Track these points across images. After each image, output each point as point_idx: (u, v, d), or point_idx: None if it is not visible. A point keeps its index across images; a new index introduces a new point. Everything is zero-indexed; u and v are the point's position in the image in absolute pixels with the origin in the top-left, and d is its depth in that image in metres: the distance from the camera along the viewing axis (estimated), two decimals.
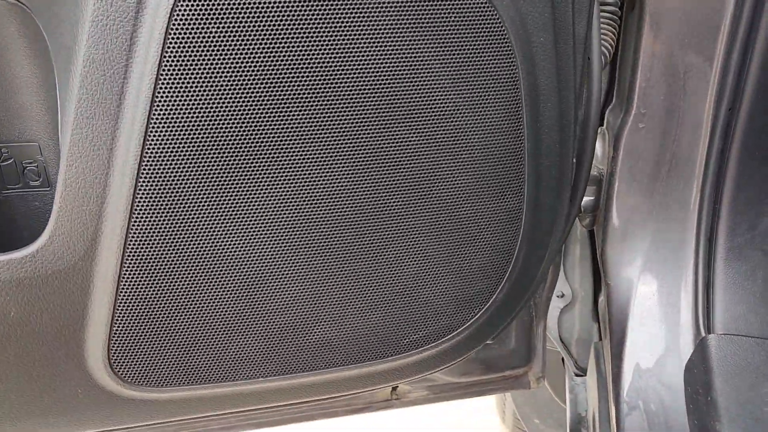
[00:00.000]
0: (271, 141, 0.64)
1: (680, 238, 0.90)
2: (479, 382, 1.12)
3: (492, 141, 0.70)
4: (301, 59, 0.62)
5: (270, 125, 0.63)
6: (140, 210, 0.65)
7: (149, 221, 0.66)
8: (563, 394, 1.26)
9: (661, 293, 0.91)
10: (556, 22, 0.70)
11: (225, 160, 0.64)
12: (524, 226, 0.77)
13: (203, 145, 0.63)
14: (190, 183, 0.65)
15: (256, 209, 0.67)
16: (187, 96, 0.61)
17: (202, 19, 0.58)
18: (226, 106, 0.62)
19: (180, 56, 0.59)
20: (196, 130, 0.62)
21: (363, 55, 0.63)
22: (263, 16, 0.59)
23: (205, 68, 0.60)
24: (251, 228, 0.68)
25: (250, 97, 0.62)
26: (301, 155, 0.66)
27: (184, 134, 0.62)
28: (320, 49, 0.62)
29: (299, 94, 0.63)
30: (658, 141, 0.89)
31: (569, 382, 1.17)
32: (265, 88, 0.62)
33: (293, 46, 0.61)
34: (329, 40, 0.62)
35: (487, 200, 0.73)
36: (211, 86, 0.61)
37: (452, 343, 0.81)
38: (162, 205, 0.65)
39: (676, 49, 0.86)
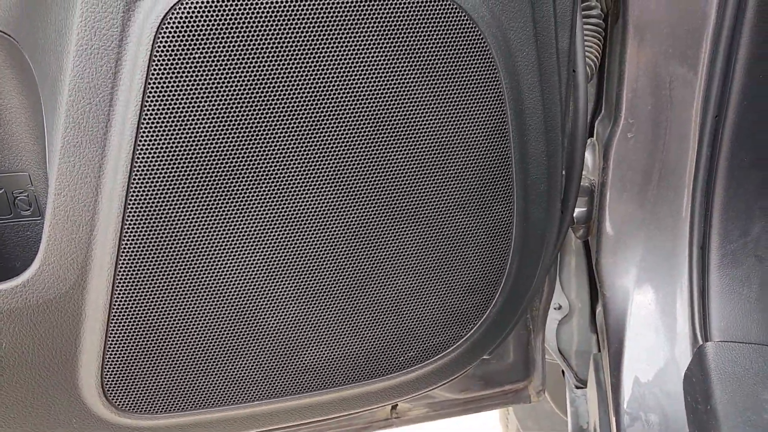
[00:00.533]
0: (258, 165, 0.64)
1: (673, 246, 0.89)
2: (479, 397, 1.11)
3: (479, 157, 0.70)
4: (287, 86, 0.62)
5: (256, 149, 0.64)
6: (129, 237, 0.65)
7: (138, 248, 0.65)
8: (564, 406, 1.25)
9: (657, 302, 0.90)
10: (538, 37, 0.70)
11: (213, 186, 0.64)
12: (515, 240, 0.77)
13: (190, 171, 0.63)
14: (178, 210, 0.64)
15: (246, 232, 0.67)
16: (172, 123, 0.61)
17: (184, 47, 0.59)
18: (213, 132, 0.62)
19: (164, 84, 0.59)
20: (183, 156, 0.62)
21: (348, 83, 0.63)
22: (246, 44, 0.60)
23: (189, 94, 0.60)
24: (241, 252, 0.68)
25: (235, 122, 0.62)
26: (288, 178, 0.65)
27: (171, 161, 0.62)
28: (311, 73, 0.62)
29: (284, 119, 0.63)
30: (647, 150, 0.89)
31: (570, 395, 1.17)
32: (249, 113, 0.62)
33: (277, 74, 0.62)
34: (318, 67, 0.62)
35: (477, 215, 0.73)
36: (196, 112, 0.61)
37: (449, 359, 0.81)
38: (151, 232, 0.65)
39: (660, 59, 0.86)
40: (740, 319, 0.85)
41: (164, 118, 0.60)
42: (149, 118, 0.60)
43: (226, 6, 0.58)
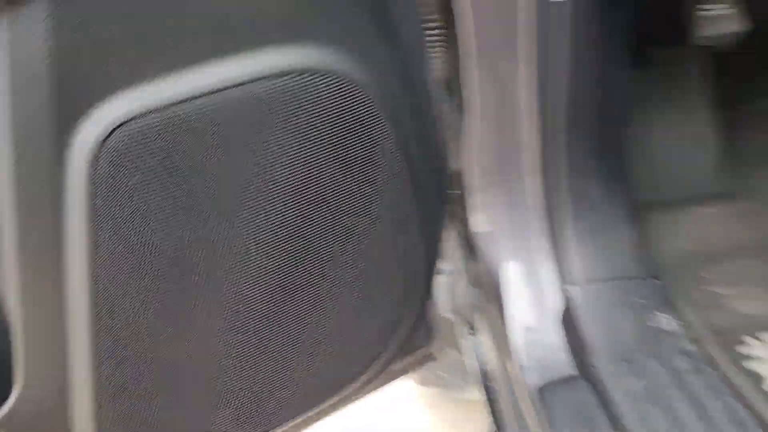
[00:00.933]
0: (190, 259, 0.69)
1: (533, 214, 1.05)
2: (395, 371, 1.24)
3: (384, 206, 0.78)
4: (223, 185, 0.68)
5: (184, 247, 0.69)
6: (102, 344, 0.68)
7: (113, 353, 0.68)
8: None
9: (525, 262, 1.06)
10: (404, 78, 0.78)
11: (167, 291, 0.68)
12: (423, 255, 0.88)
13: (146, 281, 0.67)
14: (140, 314, 0.68)
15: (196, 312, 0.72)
16: (124, 240, 0.65)
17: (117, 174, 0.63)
18: (156, 244, 0.66)
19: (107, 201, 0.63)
20: (137, 266, 0.66)
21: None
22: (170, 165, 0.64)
23: (128, 212, 0.64)
24: (194, 334, 0.73)
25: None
26: (222, 268, 0.71)
27: (128, 269, 0.66)
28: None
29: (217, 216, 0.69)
30: (497, 138, 1.02)
31: (467, 343, 1.33)
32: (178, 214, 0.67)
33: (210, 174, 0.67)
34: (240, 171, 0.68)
35: (393, 248, 0.83)
36: (139, 227, 0.65)
37: (384, 360, 0.92)
38: (121, 335, 0.68)
39: (493, 57, 0.99)
40: (599, 261, 1.03)
41: (113, 236, 0.64)
42: (100, 236, 0.63)
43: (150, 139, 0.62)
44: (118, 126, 0.61)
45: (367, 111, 0.71)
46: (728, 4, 1.04)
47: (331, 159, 0.71)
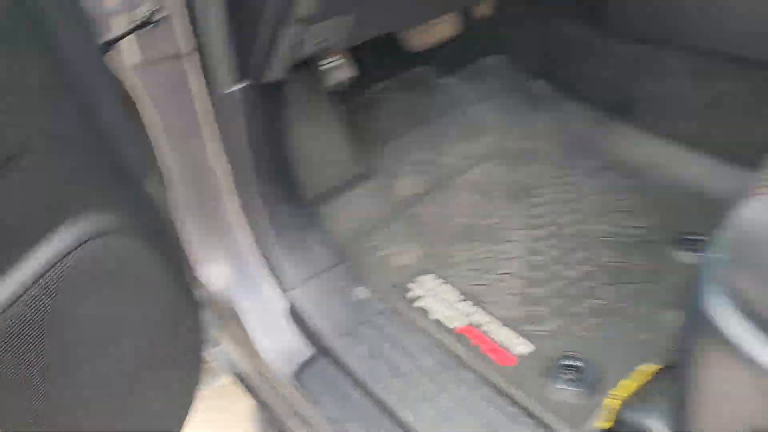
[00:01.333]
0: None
1: (245, 246, 1.30)
2: None
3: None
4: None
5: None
6: None
7: None
8: None
9: (251, 285, 1.31)
10: None
11: None
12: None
13: None
14: None
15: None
16: None
17: None
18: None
19: None
20: None
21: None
22: None
23: None
24: None
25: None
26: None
27: None
28: None
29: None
30: (198, 198, 1.23)
31: (213, 351, 1.54)
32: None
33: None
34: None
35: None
36: None
37: None
38: None
39: (181, 138, 1.17)
40: (303, 265, 1.33)
41: None
42: None
43: None
44: None
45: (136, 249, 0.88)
46: (339, 57, 1.38)
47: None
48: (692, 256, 1.31)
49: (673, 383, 0.87)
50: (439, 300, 1.31)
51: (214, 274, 1.30)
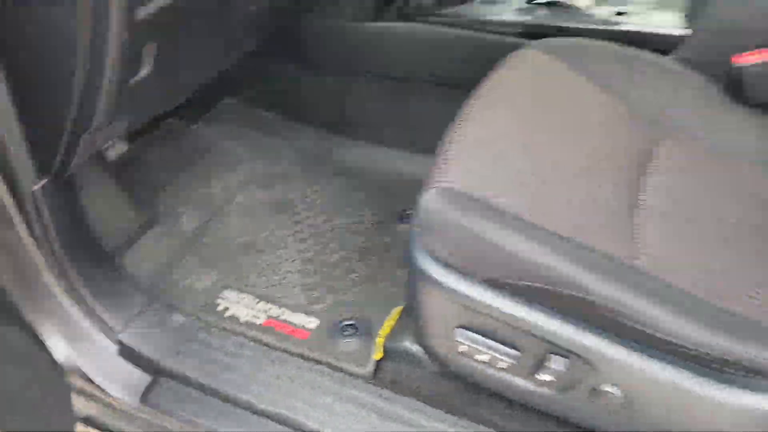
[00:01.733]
0: None
1: (71, 309, 1.52)
2: None
3: None
4: None
5: None
6: None
7: None
8: None
9: (75, 337, 1.54)
10: None
11: None
12: None
13: None
14: None
15: None
16: None
17: None
18: None
19: None
20: None
21: None
22: None
23: None
24: None
25: None
26: None
27: None
28: None
29: None
30: None
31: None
32: None
33: None
34: None
35: None
36: None
37: None
38: None
39: None
40: (124, 310, 1.59)
41: None
42: None
43: None
44: None
45: None
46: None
47: None
48: (408, 228, 1.86)
49: (411, 313, 1.37)
50: (242, 306, 1.68)
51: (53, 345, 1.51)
